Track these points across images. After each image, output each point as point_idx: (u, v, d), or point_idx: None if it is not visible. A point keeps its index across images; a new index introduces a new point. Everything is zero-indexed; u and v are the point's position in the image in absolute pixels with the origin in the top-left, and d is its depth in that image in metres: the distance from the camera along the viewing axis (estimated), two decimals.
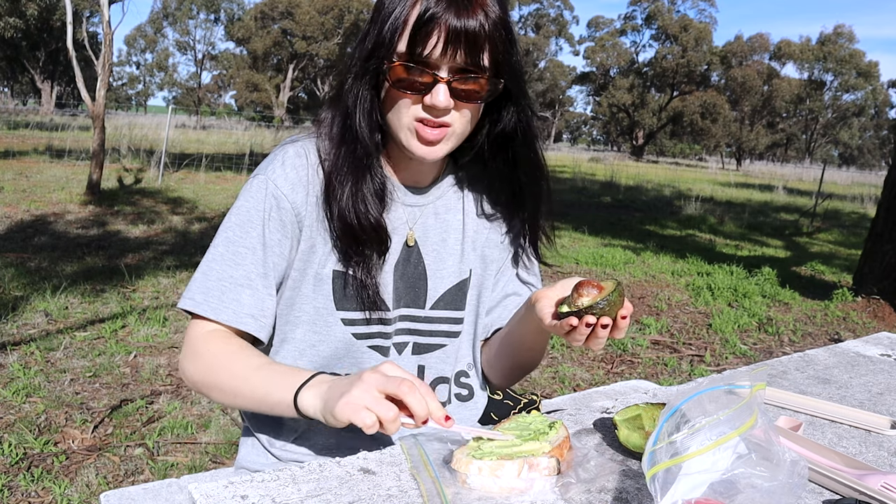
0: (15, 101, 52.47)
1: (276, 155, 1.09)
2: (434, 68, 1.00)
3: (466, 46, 0.98)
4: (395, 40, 1.00)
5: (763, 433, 0.75)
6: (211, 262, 1.06)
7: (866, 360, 1.56)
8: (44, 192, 9.24)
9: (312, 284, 1.10)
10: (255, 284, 1.06)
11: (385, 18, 1.01)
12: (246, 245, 1.06)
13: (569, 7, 57.56)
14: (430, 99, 1.01)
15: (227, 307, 1.05)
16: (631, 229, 10.97)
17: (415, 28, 0.98)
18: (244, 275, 1.05)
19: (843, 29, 51.82)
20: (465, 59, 0.99)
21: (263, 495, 0.80)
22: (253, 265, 1.06)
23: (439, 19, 0.97)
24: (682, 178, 27.40)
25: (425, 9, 0.97)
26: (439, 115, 1.02)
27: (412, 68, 0.99)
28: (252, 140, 20.49)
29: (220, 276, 1.05)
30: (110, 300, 4.67)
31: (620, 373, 4.15)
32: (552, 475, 0.86)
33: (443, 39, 0.98)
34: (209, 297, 1.05)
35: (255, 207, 1.06)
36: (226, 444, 2.83)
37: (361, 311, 1.11)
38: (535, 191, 1.19)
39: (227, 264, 1.05)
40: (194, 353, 1.05)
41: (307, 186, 1.07)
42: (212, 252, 1.07)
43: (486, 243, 1.23)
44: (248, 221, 1.06)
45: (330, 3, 43.95)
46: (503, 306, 1.26)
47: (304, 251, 1.09)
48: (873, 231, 6.54)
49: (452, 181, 1.21)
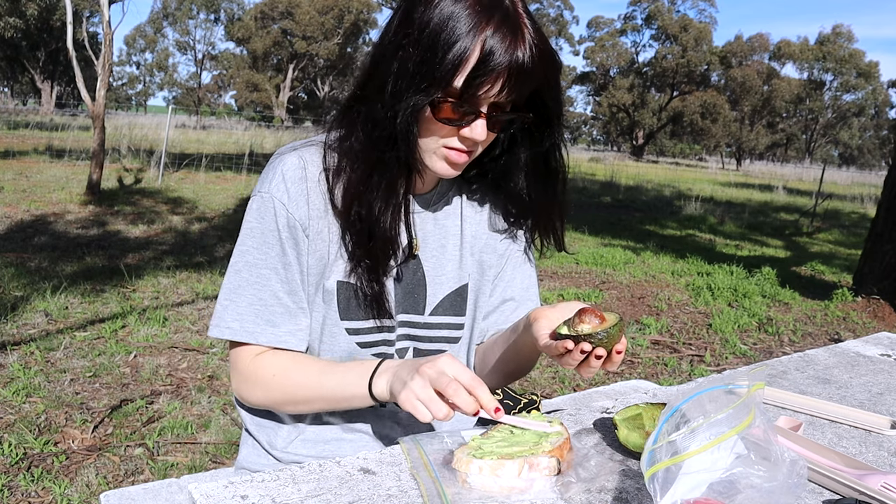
0: (15, 101, 52.48)
1: (275, 168, 1.07)
2: (479, 104, 0.98)
3: (520, 85, 0.97)
4: (453, 76, 0.95)
5: (762, 433, 0.75)
6: (237, 287, 1.07)
7: (866, 360, 1.56)
8: (44, 192, 9.24)
9: (318, 295, 1.10)
10: (285, 302, 1.08)
11: (440, 48, 0.94)
12: (268, 266, 1.06)
13: (569, 7, 57.52)
14: (469, 132, 0.99)
15: (265, 330, 1.07)
16: (631, 229, 10.97)
17: (477, 70, 0.94)
18: (272, 295, 1.07)
19: (843, 29, 51.84)
20: (514, 95, 0.98)
21: (263, 495, 0.80)
22: (279, 284, 1.07)
23: (502, 63, 0.93)
24: (682, 178, 27.40)
25: (489, 51, 0.93)
26: (472, 145, 1.02)
27: (460, 106, 0.97)
28: (252, 140, 20.49)
29: (250, 300, 1.06)
30: (110, 300, 4.67)
31: (620, 373, 4.15)
32: (552, 475, 0.86)
33: (500, 83, 0.95)
34: (244, 322, 1.06)
35: (269, 228, 1.06)
36: (226, 444, 2.83)
37: (366, 321, 1.10)
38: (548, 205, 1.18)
39: (253, 287, 1.06)
40: (253, 380, 1.09)
41: (307, 201, 1.06)
42: (235, 278, 1.08)
43: (483, 249, 1.22)
44: (264, 243, 1.06)
45: (330, 3, 43.96)
46: (500, 311, 1.25)
47: (313, 265, 1.09)
48: (873, 231, 6.54)
49: (451, 186, 1.20)
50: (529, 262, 1.27)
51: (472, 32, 0.93)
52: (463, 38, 0.93)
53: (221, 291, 1.09)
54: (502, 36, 0.93)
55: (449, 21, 0.94)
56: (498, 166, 1.15)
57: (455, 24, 0.93)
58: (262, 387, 1.08)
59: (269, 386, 1.07)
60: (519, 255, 1.26)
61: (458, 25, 0.93)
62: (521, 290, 1.26)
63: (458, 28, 0.93)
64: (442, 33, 0.94)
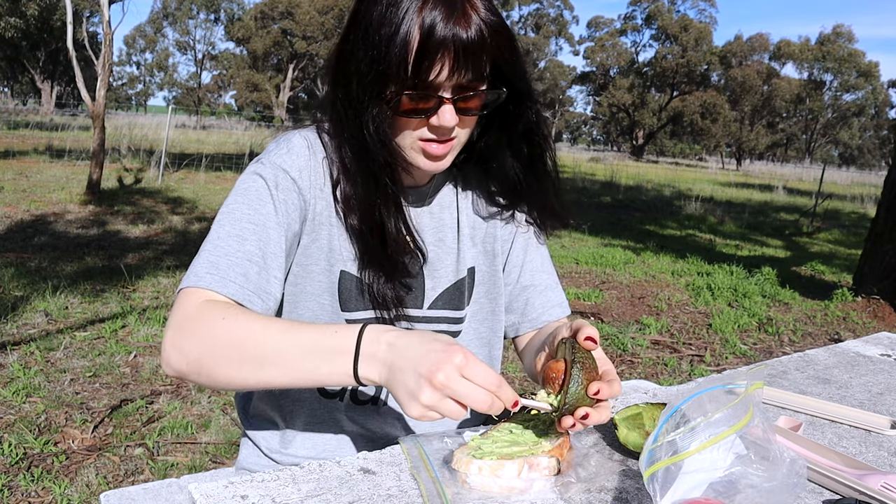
0: (15, 101, 52.46)
1: (279, 143, 1.07)
2: (438, 89, 0.96)
3: (471, 62, 0.95)
4: (403, 66, 0.93)
5: (761, 432, 0.75)
6: (216, 239, 0.97)
7: (866, 360, 1.56)
8: (44, 192, 9.24)
9: (317, 282, 1.08)
10: (263, 263, 0.97)
11: (384, 40, 0.93)
12: (254, 221, 0.98)
13: (569, 7, 57.55)
14: (437, 120, 0.98)
15: (234, 281, 0.93)
16: (631, 229, 10.97)
17: (420, 54, 0.92)
18: (252, 251, 0.96)
19: (843, 29, 51.82)
20: (469, 74, 0.96)
21: (263, 495, 0.80)
22: (262, 242, 0.98)
23: (444, 40, 0.92)
24: (682, 178, 27.39)
25: (429, 30, 0.91)
26: (445, 133, 1.01)
27: (418, 96, 0.96)
28: (252, 140, 20.48)
29: (226, 251, 0.95)
30: (110, 300, 4.67)
31: (620, 373, 4.15)
32: (552, 475, 0.86)
33: (449, 62, 0.93)
34: (212, 269, 0.93)
35: (262, 186, 1.01)
36: (226, 444, 2.83)
37: (367, 312, 1.09)
38: (539, 183, 1.17)
39: (233, 240, 0.96)
40: (192, 323, 0.88)
41: (311, 177, 1.05)
42: (216, 230, 0.98)
43: (486, 238, 1.21)
44: (256, 199, 1.00)
45: (330, 3, 43.93)
46: (524, 300, 1.23)
47: (306, 245, 1.06)
48: (873, 231, 6.54)
49: (447, 179, 1.20)
50: (540, 245, 1.26)
51: (411, 16, 0.93)
52: (403, 24, 0.92)
53: (201, 247, 0.98)
54: (441, 14, 0.92)
55: (388, 10, 0.94)
56: (482, 149, 1.14)
57: (394, 11, 0.93)
58: (203, 334, 0.87)
59: (212, 333, 0.86)
60: (523, 238, 1.24)
61: (396, 13, 0.93)
62: (540, 275, 1.24)
63: (397, 15, 0.93)
64: (383, 25, 0.93)
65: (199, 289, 0.92)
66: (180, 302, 0.91)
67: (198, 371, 0.87)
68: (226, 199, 1.02)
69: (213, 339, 0.86)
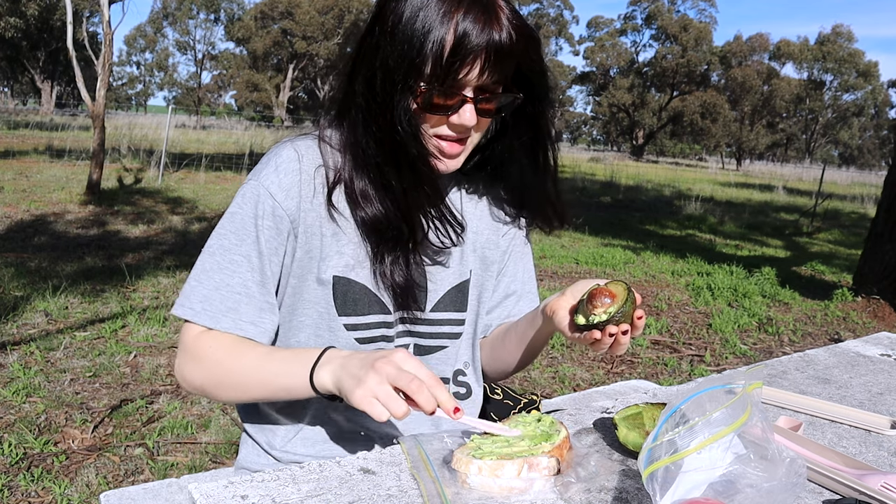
0: (15, 101, 52.47)
1: (269, 159, 1.08)
2: (463, 88, 0.99)
3: (500, 65, 0.97)
4: (433, 66, 0.96)
5: (760, 432, 0.75)
6: (208, 270, 1.05)
7: (866, 360, 1.56)
8: (44, 192, 9.24)
9: (313, 290, 1.09)
10: (252, 293, 1.05)
11: (416, 39, 0.95)
12: (241, 253, 1.05)
13: (569, 7, 57.55)
14: (458, 119, 1.00)
15: (226, 316, 1.04)
16: (631, 229, 10.97)
17: (454, 54, 0.95)
18: (241, 283, 1.04)
19: (842, 29, 51.86)
20: (496, 76, 0.99)
21: (263, 495, 0.80)
22: (249, 273, 1.05)
23: (476, 44, 0.94)
24: (682, 178, 27.39)
25: (463, 33, 0.94)
26: (462, 131, 1.03)
27: (443, 92, 0.98)
28: (252, 140, 20.49)
29: (217, 284, 1.04)
30: (110, 300, 4.67)
31: (620, 373, 4.15)
32: (552, 475, 0.86)
33: (480, 63, 0.96)
34: (207, 305, 1.04)
35: (249, 215, 1.05)
36: (226, 444, 2.83)
37: (364, 316, 1.10)
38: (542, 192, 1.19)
39: (223, 273, 1.04)
40: (193, 356, 1.05)
41: (300, 193, 1.06)
42: (207, 260, 1.06)
43: (486, 245, 1.22)
44: (242, 229, 1.05)
45: (330, 3, 43.95)
46: (502, 307, 1.27)
47: (300, 258, 1.08)
48: (873, 231, 6.54)
49: (454, 184, 1.21)
50: (528, 253, 1.30)
51: (444, 19, 0.95)
52: (436, 27, 0.95)
53: (193, 270, 1.06)
54: (475, 18, 0.95)
55: (420, 11, 0.95)
56: (494, 154, 1.16)
57: (427, 13, 0.95)
58: (202, 365, 1.04)
59: (209, 364, 1.03)
60: (519, 249, 1.27)
61: (429, 14, 0.95)
62: (522, 284, 1.29)
63: (430, 17, 0.95)
64: (415, 25, 0.95)
65: (197, 324, 1.05)
66: (183, 335, 1.07)
67: (203, 392, 1.08)
68: (223, 216, 1.08)
69: (209, 371, 1.04)
